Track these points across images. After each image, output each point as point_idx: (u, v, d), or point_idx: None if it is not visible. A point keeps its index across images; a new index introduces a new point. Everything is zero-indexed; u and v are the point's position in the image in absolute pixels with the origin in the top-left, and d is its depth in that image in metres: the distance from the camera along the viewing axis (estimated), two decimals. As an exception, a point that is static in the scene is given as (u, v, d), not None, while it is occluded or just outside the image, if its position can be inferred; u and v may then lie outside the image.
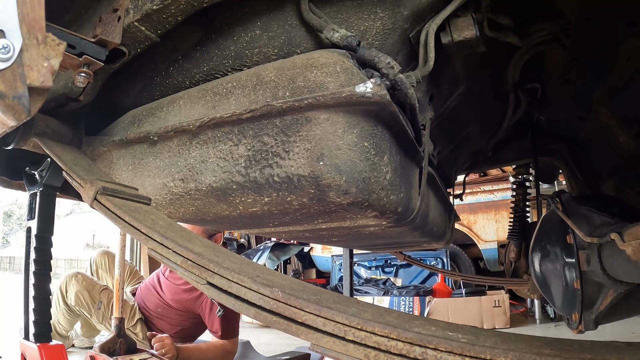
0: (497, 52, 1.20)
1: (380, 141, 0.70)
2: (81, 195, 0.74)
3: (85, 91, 0.87)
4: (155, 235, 0.63)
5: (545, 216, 1.42)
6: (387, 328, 0.46)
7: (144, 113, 0.88)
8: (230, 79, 0.77)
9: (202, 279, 0.58)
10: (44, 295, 1.10)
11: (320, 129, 0.67)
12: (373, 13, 0.77)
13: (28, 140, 0.87)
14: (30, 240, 1.10)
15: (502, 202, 4.86)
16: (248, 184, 0.73)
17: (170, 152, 0.82)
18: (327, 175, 0.67)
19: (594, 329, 1.17)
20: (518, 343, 0.44)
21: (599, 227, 1.10)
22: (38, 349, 1.06)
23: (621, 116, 1.42)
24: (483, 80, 1.34)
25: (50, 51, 0.46)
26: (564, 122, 1.83)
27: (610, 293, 1.08)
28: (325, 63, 0.68)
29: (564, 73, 1.41)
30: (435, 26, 0.80)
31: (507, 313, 4.19)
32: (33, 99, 0.45)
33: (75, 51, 0.68)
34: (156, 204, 0.86)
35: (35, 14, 0.44)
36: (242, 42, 0.81)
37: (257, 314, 0.53)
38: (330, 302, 0.51)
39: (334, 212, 0.75)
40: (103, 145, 0.92)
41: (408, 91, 0.70)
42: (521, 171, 2.21)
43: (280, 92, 0.69)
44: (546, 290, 1.40)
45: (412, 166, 0.88)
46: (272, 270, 0.63)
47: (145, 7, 0.72)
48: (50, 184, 1.10)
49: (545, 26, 1.17)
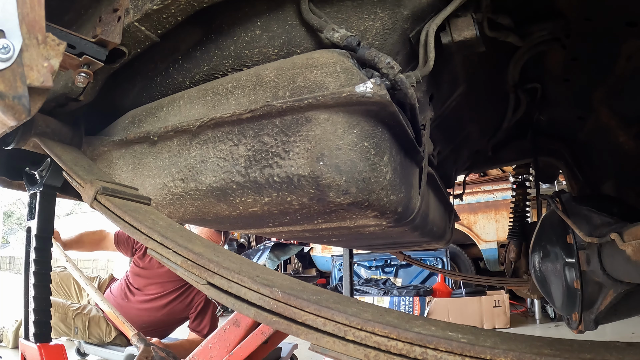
0: (497, 52, 1.20)
1: (380, 141, 0.70)
2: (81, 195, 0.74)
3: (85, 91, 0.87)
4: (155, 235, 0.63)
5: (545, 216, 1.42)
6: (387, 328, 0.46)
7: (144, 113, 0.88)
8: (230, 79, 0.77)
9: (202, 279, 0.58)
10: (44, 295, 1.09)
11: (320, 129, 0.67)
12: (373, 13, 0.77)
13: (28, 140, 0.87)
14: (30, 240, 1.10)
15: (502, 202, 4.87)
16: (248, 184, 0.73)
17: (170, 152, 0.82)
18: (327, 175, 0.67)
19: (594, 329, 1.17)
20: (518, 343, 0.44)
21: (599, 227, 1.10)
22: (38, 349, 1.06)
23: (621, 116, 1.42)
24: (483, 81, 1.34)
25: (50, 51, 0.46)
26: (564, 122, 1.83)
27: (610, 293, 1.08)
28: (325, 63, 0.68)
29: (564, 73, 1.41)
30: (435, 26, 0.80)
31: (507, 313, 4.19)
32: (33, 99, 0.45)
33: (75, 51, 0.68)
34: (156, 204, 0.86)
35: (35, 14, 0.44)
36: (242, 42, 0.81)
37: (257, 314, 0.53)
38: (330, 302, 0.51)
39: (334, 212, 0.75)
40: (103, 145, 0.92)
41: (408, 91, 0.70)
42: (521, 171, 2.21)
43: (280, 92, 0.69)
44: (546, 290, 1.40)
45: (412, 166, 0.88)
46: (272, 270, 0.63)
47: (145, 7, 0.72)
48: (50, 184, 1.10)
49: (545, 26, 1.17)
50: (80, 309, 2.68)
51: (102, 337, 2.67)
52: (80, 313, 2.66)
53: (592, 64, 1.30)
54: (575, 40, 1.19)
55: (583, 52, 1.26)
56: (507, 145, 2.10)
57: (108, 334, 2.66)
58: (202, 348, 1.57)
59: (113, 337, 2.67)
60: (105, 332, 2.66)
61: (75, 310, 2.65)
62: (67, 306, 2.66)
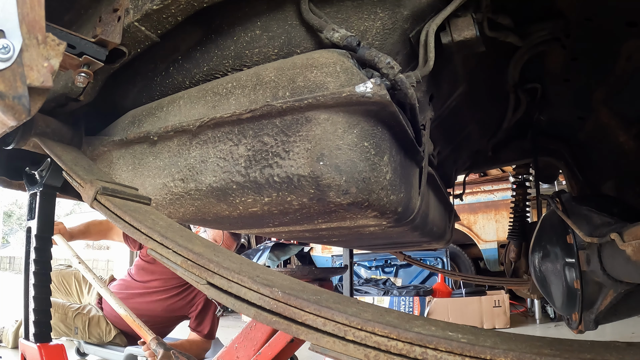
0: (497, 52, 1.20)
1: (380, 141, 0.70)
2: (81, 195, 0.74)
3: (85, 91, 0.87)
4: (155, 235, 0.63)
5: (545, 216, 1.42)
6: (387, 328, 0.46)
7: (144, 113, 0.88)
8: (230, 79, 0.77)
9: (202, 278, 0.58)
10: (44, 295, 1.09)
11: (320, 129, 0.67)
12: (373, 13, 0.77)
13: (28, 140, 0.87)
14: (30, 240, 1.10)
15: (502, 202, 4.87)
16: (248, 184, 0.73)
17: (170, 152, 0.82)
18: (327, 175, 0.67)
19: (594, 329, 1.17)
20: (518, 343, 0.44)
21: (599, 227, 1.10)
22: (38, 349, 1.06)
23: (621, 116, 1.42)
24: (483, 81, 1.34)
25: (50, 51, 0.46)
26: (564, 122, 1.83)
27: (610, 293, 1.08)
28: (325, 63, 0.68)
29: (564, 73, 1.41)
30: (435, 26, 0.80)
31: (507, 313, 4.19)
32: (33, 99, 0.45)
33: (75, 51, 0.68)
34: (156, 204, 0.86)
35: (35, 14, 0.44)
36: (242, 42, 0.81)
37: (257, 314, 0.53)
38: (330, 302, 0.51)
39: (334, 212, 0.75)
40: (103, 145, 0.92)
41: (408, 91, 0.70)
42: (521, 171, 2.21)
43: (280, 92, 0.69)
44: (546, 290, 1.40)
45: (412, 166, 0.88)
46: (272, 270, 0.63)
47: (145, 7, 0.72)
48: (50, 184, 1.10)
49: (545, 26, 1.17)
50: (80, 309, 2.69)
51: (102, 337, 2.69)
52: (80, 313, 2.67)
53: (592, 64, 1.30)
54: (575, 40, 1.19)
55: (583, 52, 1.26)
56: (507, 145, 2.10)
57: (108, 334, 2.68)
58: (227, 349, 1.53)
59: (113, 337, 2.69)
60: (105, 331, 2.68)
61: (75, 311, 2.66)
62: (67, 306, 2.67)
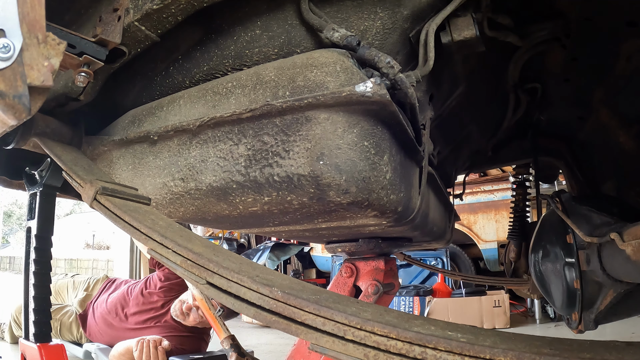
0: (497, 52, 1.20)
1: (380, 141, 0.70)
2: (81, 195, 0.74)
3: (85, 91, 0.87)
4: (155, 235, 0.63)
5: (545, 216, 1.42)
6: (386, 327, 0.46)
7: (144, 113, 0.88)
8: (230, 79, 0.77)
9: (202, 278, 0.58)
10: (44, 295, 1.09)
11: (320, 128, 0.67)
12: (373, 13, 0.77)
13: (28, 140, 0.87)
14: (30, 240, 1.10)
15: (502, 202, 4.87)
16: (248, 183, 0.73)
17: (171, 152, 0.82)
18: (327, 175, 0.67)
19: (594, 329, 1.17)
20: (517, 342, 0.44)
21: (599, 227, 1.10)
22: (38, 349, 1.06)
23: (621, 116, 1.42)
24: (483, 80, 1.34)
25: (50, 50, 0.46)
26: (564, 122, 1.83)
27: (610, 293, 1.08)
28: (325, 62, 0.68)
29: (564, 73, 1.42)
30: (435, 26, 0.80)
31: (507, 313, 4.19)
32: (33, 99, 0.45)
33: (76, 51, 0.68)
34: (156, 203, 0.86)
35: (35, 13, 0.44)
36: (242, 41, 0.81)
37: (257, 313, 0.53)
38: (329, 302, 0.51)
39: (334, 211, 0.75)
40: (103, 145, 0.92)
41: (408, 91, 0.70)
42: (521, 171, 2.21)
43: (280, 92, 0.69)
44: (546, 290, 1.40)
45: (412, 166, 0.88)
46: (272, 270, 0.63)
47: (146, 6, 0.72)
48: (50, 184, 1.10)
49: (545, 26, 1.17)
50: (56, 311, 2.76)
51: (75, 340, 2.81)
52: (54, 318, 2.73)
53: (592, 64, 1.30)
54: (575, 40, 1.20)
55: (583, 52, 1.26)
56: (507, 145, 2.10)
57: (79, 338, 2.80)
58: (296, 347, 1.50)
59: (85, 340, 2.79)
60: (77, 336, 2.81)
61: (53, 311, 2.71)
62: None
